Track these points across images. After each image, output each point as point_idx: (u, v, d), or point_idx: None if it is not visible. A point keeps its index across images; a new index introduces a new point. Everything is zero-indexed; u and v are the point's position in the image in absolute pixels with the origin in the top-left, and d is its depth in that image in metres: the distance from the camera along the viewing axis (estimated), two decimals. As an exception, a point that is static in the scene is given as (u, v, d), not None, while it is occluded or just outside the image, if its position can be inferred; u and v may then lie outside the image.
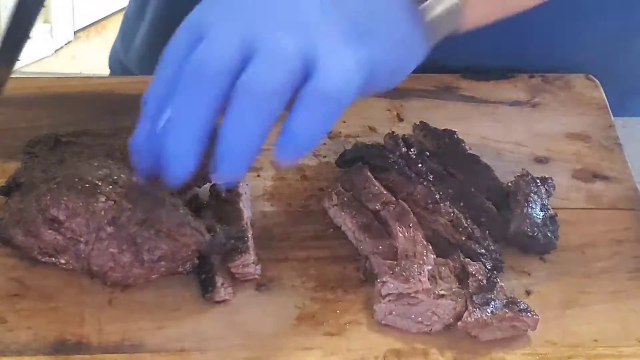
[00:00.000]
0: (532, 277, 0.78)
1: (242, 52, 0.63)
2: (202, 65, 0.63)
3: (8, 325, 0.72)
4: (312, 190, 0.83)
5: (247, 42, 0.63)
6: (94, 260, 0.72)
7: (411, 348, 0.72)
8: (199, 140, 0.64)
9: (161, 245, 0.72)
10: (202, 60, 0.63)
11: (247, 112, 0.63)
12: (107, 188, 0.72)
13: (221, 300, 0.74)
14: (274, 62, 0.63)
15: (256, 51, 0.63)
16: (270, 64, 0.63)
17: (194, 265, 0.74)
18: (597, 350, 0.73)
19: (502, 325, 0.73)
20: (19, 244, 0.74)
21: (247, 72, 0.63)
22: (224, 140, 0.64)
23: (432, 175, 0.81)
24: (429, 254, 0.75)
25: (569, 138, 0.90)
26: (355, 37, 0.65)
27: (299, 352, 0.72)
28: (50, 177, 0.75)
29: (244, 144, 0.64)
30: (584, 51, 0.97)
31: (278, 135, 0.64)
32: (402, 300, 0.73)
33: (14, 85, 0.89)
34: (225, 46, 0.63)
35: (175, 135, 0.65)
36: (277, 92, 0.63)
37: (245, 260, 0.75)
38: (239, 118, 0.63)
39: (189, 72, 0.64)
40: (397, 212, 0.77)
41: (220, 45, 0.64)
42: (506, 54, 0.94)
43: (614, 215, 0.83)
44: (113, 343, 0.71)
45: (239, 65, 0.63)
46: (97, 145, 0.78)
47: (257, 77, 0.63)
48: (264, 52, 0.63)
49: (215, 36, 0.64)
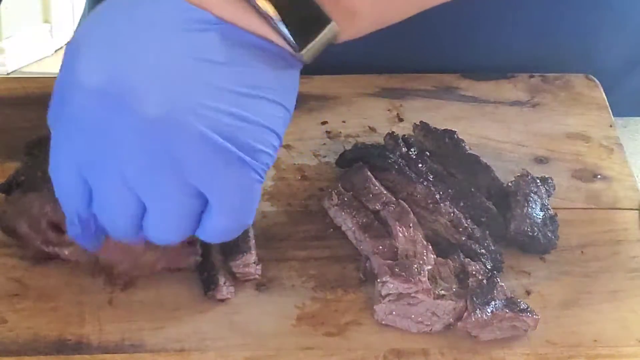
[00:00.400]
0: (532, 277, 0.78)
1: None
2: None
3: (8, 325, 0.72)
4: (312, 190, 0.83)
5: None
6: (102, 250, 0.72)
7: (411, 348, 0.72)
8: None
9: None
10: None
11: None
12: None
13: (223, 298, 0.74)
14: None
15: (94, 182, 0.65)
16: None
17: (196, 263, 0.75)
18: (597, 350, 0.73)
19: (502, 325, 0.73)
20: (23, 235, 0.74)
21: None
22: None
23: (432, 175, 0.81)
24: (429, 254, 0.75)
25: (569, 138, 0.90)
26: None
27: (299, 352, 0.72)
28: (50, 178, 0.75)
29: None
30: (584, 51, 0.97)
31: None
32: (402, 300, 0.73)
33: (14, 85, 0.89)
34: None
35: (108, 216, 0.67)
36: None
37: (246, 260, 0.75)
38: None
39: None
40: (397, 212, 0.77)
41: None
42: (506, 54, 0.94)
43: (614, 215, 0.83)
44: (113, 343, 0.71)
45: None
46: None
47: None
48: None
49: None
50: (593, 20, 0.95)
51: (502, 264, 0.77)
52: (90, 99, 0.62)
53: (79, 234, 0.68)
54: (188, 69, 0.61)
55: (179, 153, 0.61)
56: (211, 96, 0.61)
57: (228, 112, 0.61)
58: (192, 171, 0.62)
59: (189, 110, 0.60)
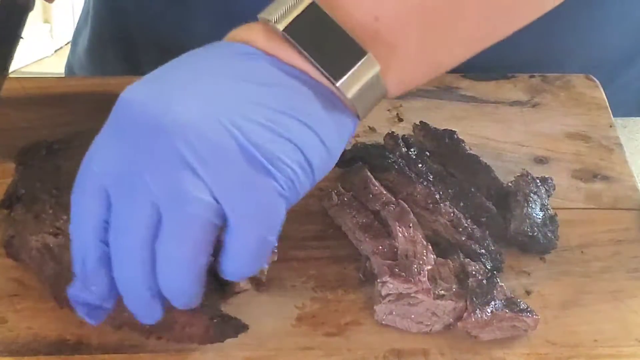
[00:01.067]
0: (532, 277, 0.78)
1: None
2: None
3: (8, 325, 0.72)
4: (312, 190, 0.83)
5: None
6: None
7: (411, 348, 0.72)
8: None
9: None
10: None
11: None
12: None
13: (240, 291, 0.74)
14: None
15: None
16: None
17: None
18: (597, 350, 0.73)
19: (502, 325, 0.73)
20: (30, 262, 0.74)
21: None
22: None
23: (432, 175, 0.81)
24: (429, 254, 0.75)
25: (569, 138, 0.90)
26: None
27: (299, 352, 0.72)
28: (49, 187, 0.75)
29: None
30: (584, 51, 0.97)
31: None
32: (402, 300, 0.73)
33: (14, 85, 0.89)
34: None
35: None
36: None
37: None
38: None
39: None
40: (397, 212, 0.77)
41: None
42: (506, 54, 0.94)
43: (614, 215, 0.83)
44: (113, 343, 0.71)
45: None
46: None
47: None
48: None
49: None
50: (593, 20, 0.95)
51: (502, 264, 0.77)
52: (132, 113, 0.62)
53: (82, 287, 0.65)
54: (223, 85, 0.63)
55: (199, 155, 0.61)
56: (244, 108, 0.62)
57: (258, 123, 0.62)
58: (215, 176, 0.61)
59: (218, 115, 0.61)
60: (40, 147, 0.80)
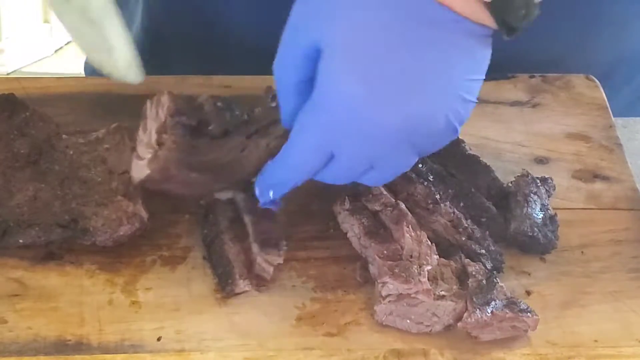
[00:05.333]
0: (532, 277, 0.78)
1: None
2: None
3: (8, 325, 0.72)
4: (312, 190, 0.83)
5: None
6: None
7: (411, 348, 0.72)
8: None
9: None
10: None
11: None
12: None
13: (241, 292, 0.74)
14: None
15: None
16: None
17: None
18: (597, 350, 0.73)
19: (502, 326, 0.73)
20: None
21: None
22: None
23: (432, 175, 0.81)
24: (433, 255, 0.75)
25: (569, 138, 0.90)
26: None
27: (299, 352, 0.72)
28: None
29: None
30: (584, 51, 0.97)
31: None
32: (402, 301, 0.73)
33: (14, 85, 0.89)
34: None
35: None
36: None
37: (274, 259, 0.76)
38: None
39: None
40: (395, 215, 0.77)
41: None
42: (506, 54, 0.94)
43: (614, 215, 0.83)
44: (113, 343, 0.71)
45: None
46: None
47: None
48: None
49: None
50: (593, 20, 0.95)
51: (502, 264, 0.77)
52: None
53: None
54: (440, 73, 0.69)
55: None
56: (455, 85, 0.70)
57: (462, 98, 0.70)
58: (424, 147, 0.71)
59: (440, 100, 0.69)
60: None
